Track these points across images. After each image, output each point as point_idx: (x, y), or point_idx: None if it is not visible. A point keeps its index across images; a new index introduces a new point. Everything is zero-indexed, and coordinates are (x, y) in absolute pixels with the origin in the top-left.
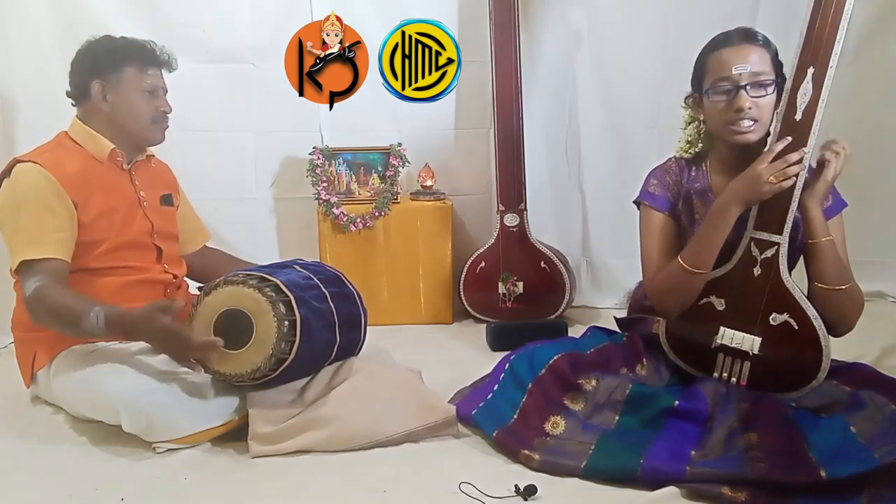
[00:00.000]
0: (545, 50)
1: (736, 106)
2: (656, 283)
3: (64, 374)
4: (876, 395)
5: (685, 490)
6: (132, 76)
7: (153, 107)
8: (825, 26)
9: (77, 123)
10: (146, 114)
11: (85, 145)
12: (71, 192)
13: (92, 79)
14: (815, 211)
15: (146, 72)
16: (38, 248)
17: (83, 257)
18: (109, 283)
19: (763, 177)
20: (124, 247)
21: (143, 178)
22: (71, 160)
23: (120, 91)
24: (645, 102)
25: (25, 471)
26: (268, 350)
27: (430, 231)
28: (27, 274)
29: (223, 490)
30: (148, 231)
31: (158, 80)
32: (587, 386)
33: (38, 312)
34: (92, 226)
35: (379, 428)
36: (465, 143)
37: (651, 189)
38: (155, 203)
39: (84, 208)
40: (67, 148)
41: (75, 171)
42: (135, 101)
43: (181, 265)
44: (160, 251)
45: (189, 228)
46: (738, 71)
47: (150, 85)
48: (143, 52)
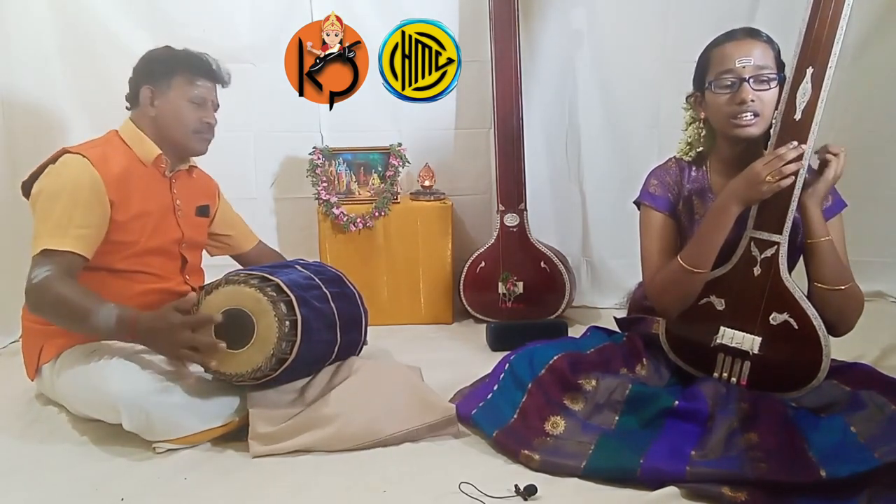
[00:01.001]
0: (545, 50)
1: (739, 98)
2: (656, 282)
3: (66, 372)
4: (876, 395)
5: (685, 490)
6: (181, 85)
7: (197, 117)
8: (824, 26)
9: (129, 124)
10: (190, 123)
11: (133, 147)
12: (110, 191)
13: (143, 84)
14: (815, 211)
15: (195, 82)
16: (62, 239)
17: (110, 256)
18: (128, 288)
19: (761, 175)
20: (151, 252)
21: (182, 187)
22: (117, 159)
23: (168, 98)
24: (645, 102)
25: (25, 471)
26: (269, 350)
27: (430, 231)
28: (41, 262)
29: (223, 490)
30: (178, 240)
31: (208, 92)
32: (587, 386)
33: (40, 301)
34: (126, 226)
35: (379, 427)
36: (465, 143)
37: (651, 189)
38: (190, 213)
39: (120, 207)
40: (115, 147)
41: (119, 170)
42: (180, 109)
43: (201, 277)
44: (185, 261)
45: (241, 230)
46: (741, 64)
47: (198, 96)
48: (195, 63)
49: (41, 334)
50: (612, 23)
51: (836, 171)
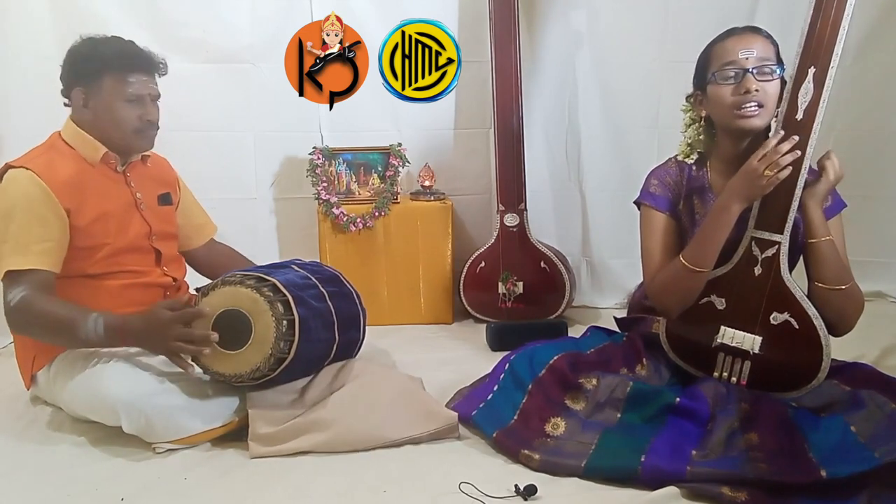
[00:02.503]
0: (545, 50)
1: (744, 88)
2: (657, 282)
3: (63, 376)
4: (876, 394)
5: (685, 490)
6: (113, 84)
7: (136, 115)
8: (826, 26)
9: (70, 125)
10: (129, 123)
11: (77, 148)
12: (63, 199)
13: (73, 85)
14: (815, 210)
15: (128, 79)
16: (25, 258)
17: (81, 262)
18: (109, 288)
19: (758, 170)
20: (122, 251)
21: (138, 178)
22: (64, 164)
23: (101, 99)
24: (645, 102)
25: (25, 471)
26: (267, 350)
27: (430, 231)
28: (12, 284)
29: (223, 490)
30: (146, 234)
31: (144, 86)
32: (587, 385)
33: (22, 322)
34: (87, 231)
35: (380, 434)
36: (465, 143)
37: (652, 189)
38: (152, 203)
39: (78, 214)
40: (60, 151)
41: (68, 176)
42: (116, 111)
43: (181, 267)
44: (159, 254)
45: (194, 223)
46: (744, 55)
47: (133, 94)
48: (125, 58)
49: (31, 344)
50: (611, 23)
51: (837, 172)
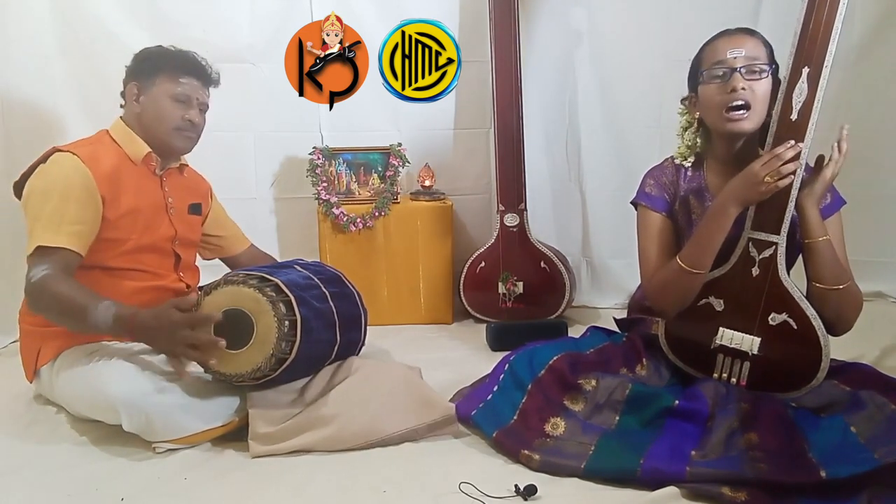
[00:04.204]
0: (545, 50)
1: (730, 87)
2: (654, 283)
3: (65, 373)
4: (876, 395)
5: (685, 490)
6: (164, 81)
7: (179, 114)
8: (819, 26)
9: (119, 123)
10: (171, 120)
11: (123, 145)
12: (101, 187)
13: (130, 81)
14: (812, 210)
15: (179, 79)
16: (56, 236)
17: (103, 253)
18: (123, 286)
19: (759, 176)
20: (145, 249)
21: (173, 185)
22: (107, 157)
23: (151, 94)
24: (645, 102)
25: (25, 471)
26: (268, 350)
27: (430, 231)
28: (38, 260)
29: (223, 490)
30: (171, 237)
31: (194, 91)
32: (587, 386)
33: (40, 300)
34: (116, 223)
35: (379, 426)
36: (465, 143)
37: (648, 190)
38: (182, 211)
39: (111, 204)
40: (106, 145)
41: (109, 167)
42: (162, 106)
43: (195, 275)
44: (178, 259)
45: (232, 231)
46: (732, 55)
47: (181, 93)
48: (181, 60)
49: (38, 336)
50: (611, 22)
51: (834, 171)
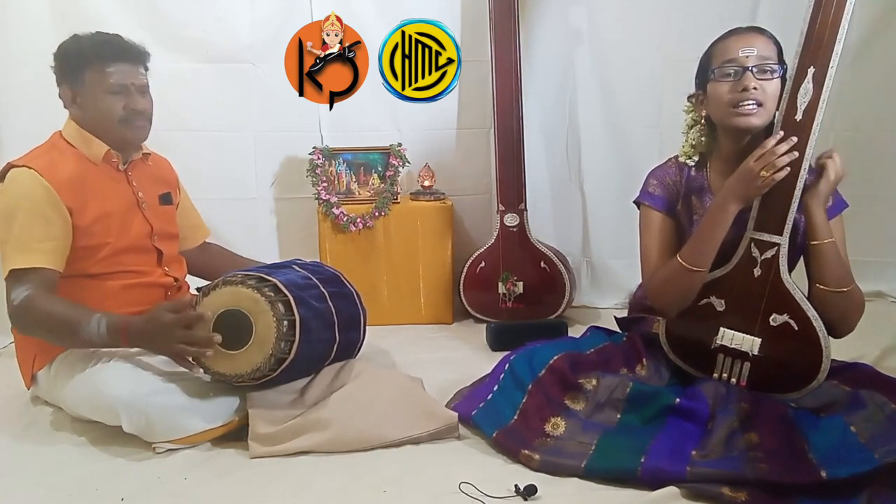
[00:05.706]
0: (545, 50)
1: (742, 86)
2: (655, 281)
3: (64, 376)
4: (876, 394)
5: (685, 490)
6: (94, 77)
7: (120, 106)
8: (825, 26)
9: (70, 125)
10: (114, 113)
11: (78, 147)
12: (66, 198)
13: (61, 84)
14: (818, 212)
15: (106, 69)
16: (28, 256)
17: (83, 262)
18: (110, 288)
19: (755, 171)
20: (124, 251)
21: (140, 177)
22: (66, 163)
23: (85, 94)
24: (645, 102)
25: (25, 471)
26: (267, 350)
27: (430, 231)
28: (15, 283)
29: (223, 490)
30: (147, 234)
31: (125, 76)
32: (588, 385)
33: (26, 321)
34: (89, 231)
35: (379, 433)
36: (465, 143)
37: (651, 189)
38: (154, 203)
39: (80, 213)
40: (62, 150)
41: (70, 175)
42: (100, 103)
43: (182, 267)
44: (160, 254)
45: (189, 224)
46: (744, 53)
47: (115, 84)
48: (103, 49)
49: (32, 343)
50: (612, 22)
51: (838, 172)
